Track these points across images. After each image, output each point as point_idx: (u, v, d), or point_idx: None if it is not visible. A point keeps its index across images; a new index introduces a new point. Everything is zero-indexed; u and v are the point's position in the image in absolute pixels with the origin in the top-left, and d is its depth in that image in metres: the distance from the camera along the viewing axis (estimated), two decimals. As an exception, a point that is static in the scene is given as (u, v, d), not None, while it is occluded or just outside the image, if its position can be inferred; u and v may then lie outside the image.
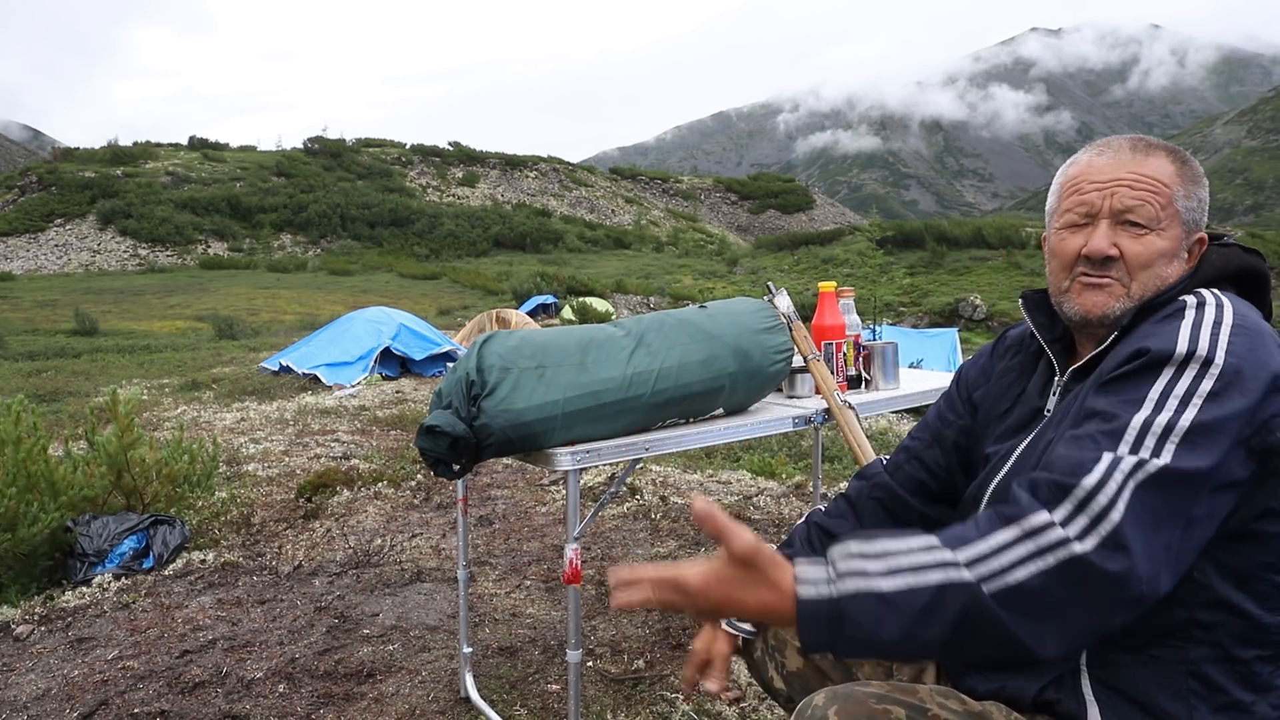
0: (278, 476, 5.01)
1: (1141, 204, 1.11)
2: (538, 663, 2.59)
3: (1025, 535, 0.89)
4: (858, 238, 36.09)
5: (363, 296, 24.84)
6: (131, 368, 11.91)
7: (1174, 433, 0.93)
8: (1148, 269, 1.12)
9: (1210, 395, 0.95)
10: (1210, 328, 1.00)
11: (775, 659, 1.40)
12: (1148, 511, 0.90)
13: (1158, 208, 1.11)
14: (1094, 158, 1.17)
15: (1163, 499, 0.91)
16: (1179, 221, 1.13)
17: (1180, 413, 0.94)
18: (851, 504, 1.39)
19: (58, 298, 25.28)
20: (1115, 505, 0.89)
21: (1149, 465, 0.91)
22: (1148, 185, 1.12)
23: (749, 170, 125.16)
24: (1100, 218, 1.14)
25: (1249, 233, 30.46)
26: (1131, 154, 1.14)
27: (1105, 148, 1.17)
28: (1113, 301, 1.13)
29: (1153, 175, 1.12)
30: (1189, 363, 0.97)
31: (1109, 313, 1.13)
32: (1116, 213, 1.12)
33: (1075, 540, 0.88)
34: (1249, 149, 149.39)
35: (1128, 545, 0.87)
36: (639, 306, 25.51)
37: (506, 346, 1.75)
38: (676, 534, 3.80)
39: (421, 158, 56.88)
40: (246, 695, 2.43)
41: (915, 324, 23.55)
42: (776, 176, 75.68)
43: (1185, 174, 1.13)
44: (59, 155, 51.00)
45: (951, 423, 1.37)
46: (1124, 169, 1.13)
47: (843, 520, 1.37)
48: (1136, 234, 1.12)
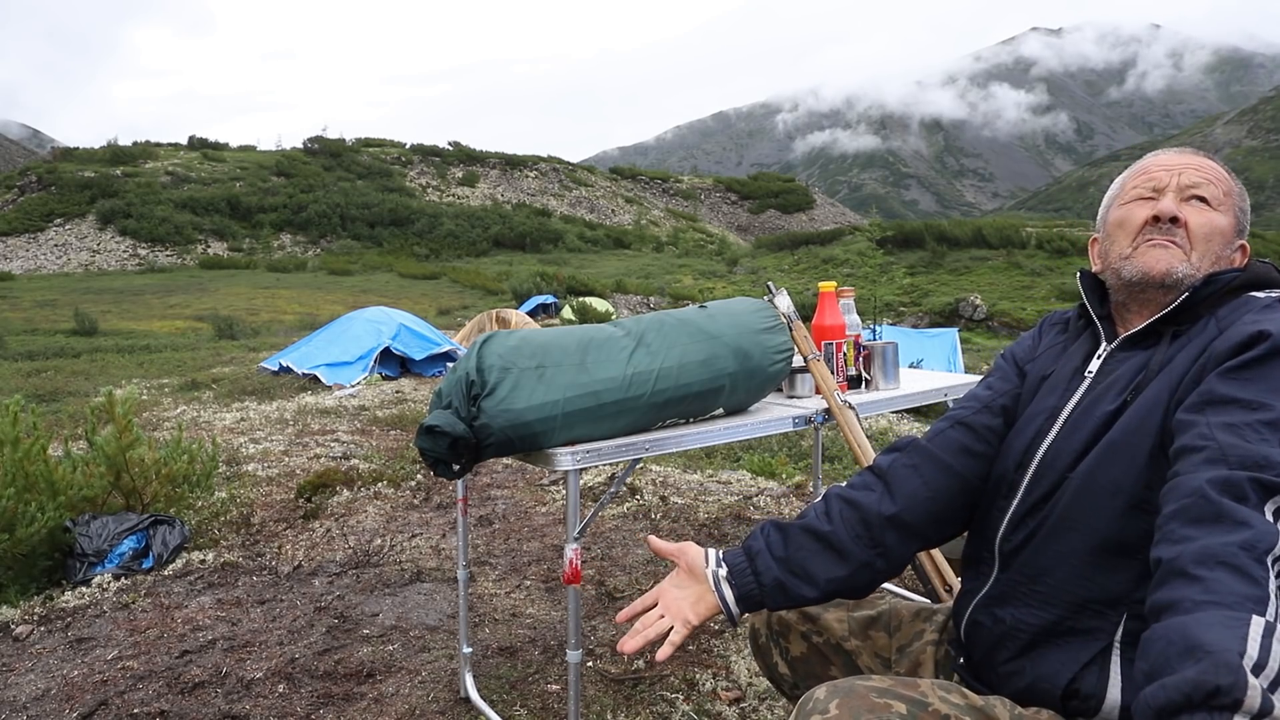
0: (277, 476, 5.00)
1: (1207, 182, 1.22)
2: (538, 663, 2.59)
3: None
4: (858, 238, 36.09)
5: (363, 296, 24.85)
6: (131, 368, 11.91)
7: None
8: (1208, 241, 1.20)
9: None
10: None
11: (779, 644, 1.41)
12: None
13: (1219, 192, 1.22)
14: (1159, 155, 1.29)
15: None
16: (1232, 216, 1.23)
17: None
18: (880, 474, 1.32)
19: (57, 297, 25.29)
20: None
21: None
22: (1210, 173, 1.23)
23: (749, 170, 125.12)
24: (1168, 190, 1.23)
25: (1249, 233, 30.46)
26: (1193, 154, 1.27)
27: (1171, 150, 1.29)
28: (1176, 262, 1.19)
29: (1211, 169, 1.24)
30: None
31: (1172, 270, 1.19)
32: (1183, 188, 1.22)
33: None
34: (1249, 149, 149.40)
35: None
36: (639, 306, 25.51)
37: (506, 346, 1.75)
38: (676, 534, 3.79)
39: (421, 157, 56.89)
40: (246, 695, 2.43)
41: (915, 324, 23.55)
42: (777, 176, 75.66)
43: (1233, 182, 1.26)
44: (58, 155, 50.98)
45: (1005, 391, 1.34)
46: (1189, 160, 1.25)
47: (869, 491, 1.29)
48: (1201, 208, 1.21)
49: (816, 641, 1.37)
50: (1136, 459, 1.07)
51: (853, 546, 1.25)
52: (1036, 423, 1.23)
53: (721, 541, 3.69)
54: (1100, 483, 1.10)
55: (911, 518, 1.26)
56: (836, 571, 1.24)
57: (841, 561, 1.24)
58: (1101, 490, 1.09)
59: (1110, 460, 1.10)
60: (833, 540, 1.25)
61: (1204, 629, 0.78)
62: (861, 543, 1.25)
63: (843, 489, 1.32)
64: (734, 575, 1.24)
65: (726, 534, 3.78)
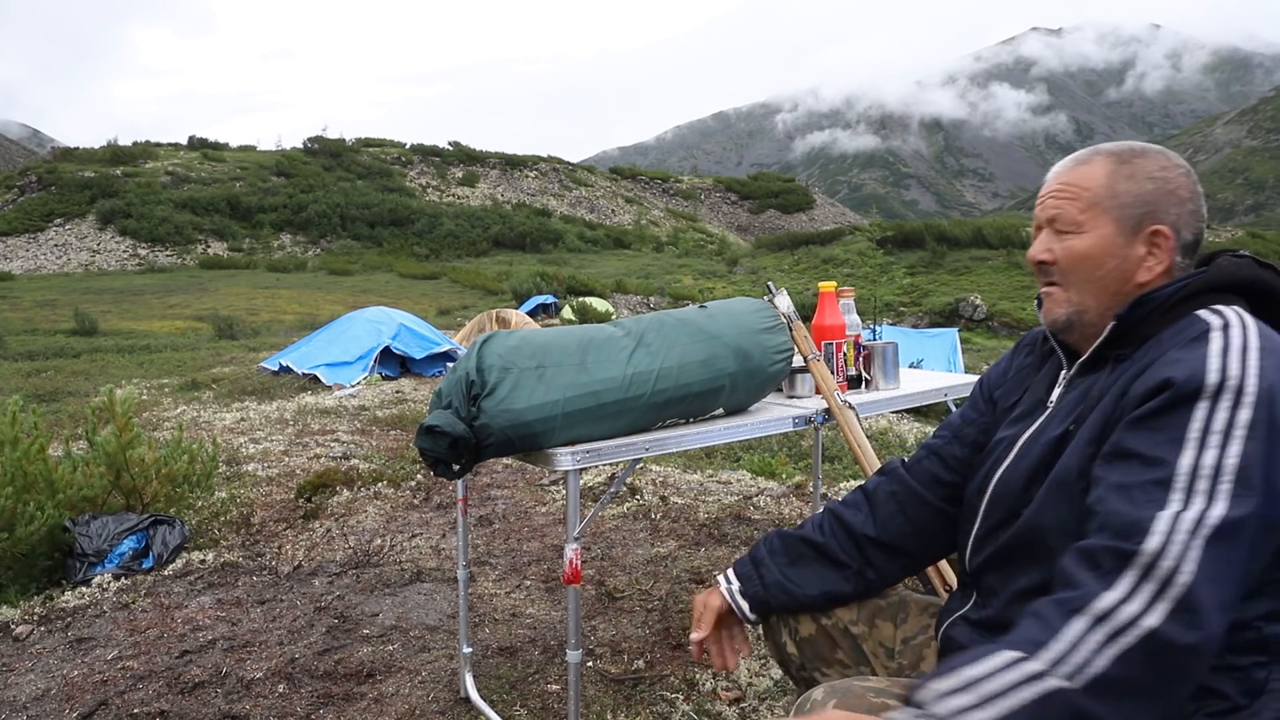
0: (277, 476, 5.00)
1: (1059, 210, 1.17)
2: (538, 663, 2.59)
3: (1096, 621, 0.88)
4: (858, 238, 36.10)
5: (363, 296, 24.84)
6: (131, 368, 11.91)
7: (1224, 474, 0.91)
8: (1074, 271, 1.16)
9: (1251, 426, 0.93)
10: (1239, 351, 0.98)
11: (789, 624, 1.44)
12: (1217, 565, 0.88)
13: (1075, 211, 1.16)
14: (1050, 171, 1.23)
15: (1230, 548, 0.89)
16: (1108, 220, 1.14)
17: (1225, 450, 0.92)
18: (868, 496, 1.42)
19: (57, 297, 25.28)
20: (1182, 568, 0.88)
21: (1210, 517, 0.89)
22: (1068, 192, 1.17)
23: (749, 170, 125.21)
24: (1042, 228, 1.21)
25: (1249, 233, 30.47)
26: (1070, 164, 1.20)
27: (1062, 161, 1.23)
28: (1057, 307, 1.19)
29: (1075, 182, 1.17)
30: (1221, 393, 0.95)
31: (1056, 318, 1.19)
32: (1047, 221, 1.19)
33: (1145, 615, 0.86)
34: (1249, 149, 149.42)
35: (1200, 607, 0.86)
36: (639, 306, 25.51)
37: (506, 346, 1.75)
38: (676, 534, 3.79)
39: (421, 157, 56.87)
40: (246, 695, 2.43)
41: (915, 324, 23.56)
42: (777, 176, 75.65)
43: (1120, 173, 1.15)
44: (58, 155, 50.97)
45: (974, 420, 1.39)
46: (1057, 180, 1.19)
47: (856, 511, 1.41)
48: (1060, 239, 1.18)
49: (825, 624, 1.40)
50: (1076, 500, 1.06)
51: (844, 558, 1.37)
52: (996, 451, 1.26)
53: (721, 541, 3.69)
54: (1048, 524, 1.10)
55: (892, 540, 1.37)
56: (830, 577, 1.37)
57: (835, 570, 1.37)
58: (1050, 531, 1.09)
59: (1056, 501, 1.10)
60: (826, 551, 1.38)
61: (966, 656, 0.91)
62: (851, 555, 1.38)
63: (836, 505, 1.45)
64: (742, 581, 1.41)
65: (726, 534, 3.78)
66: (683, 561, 3.43)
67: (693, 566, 3.37)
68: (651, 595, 3.09)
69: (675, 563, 3.42)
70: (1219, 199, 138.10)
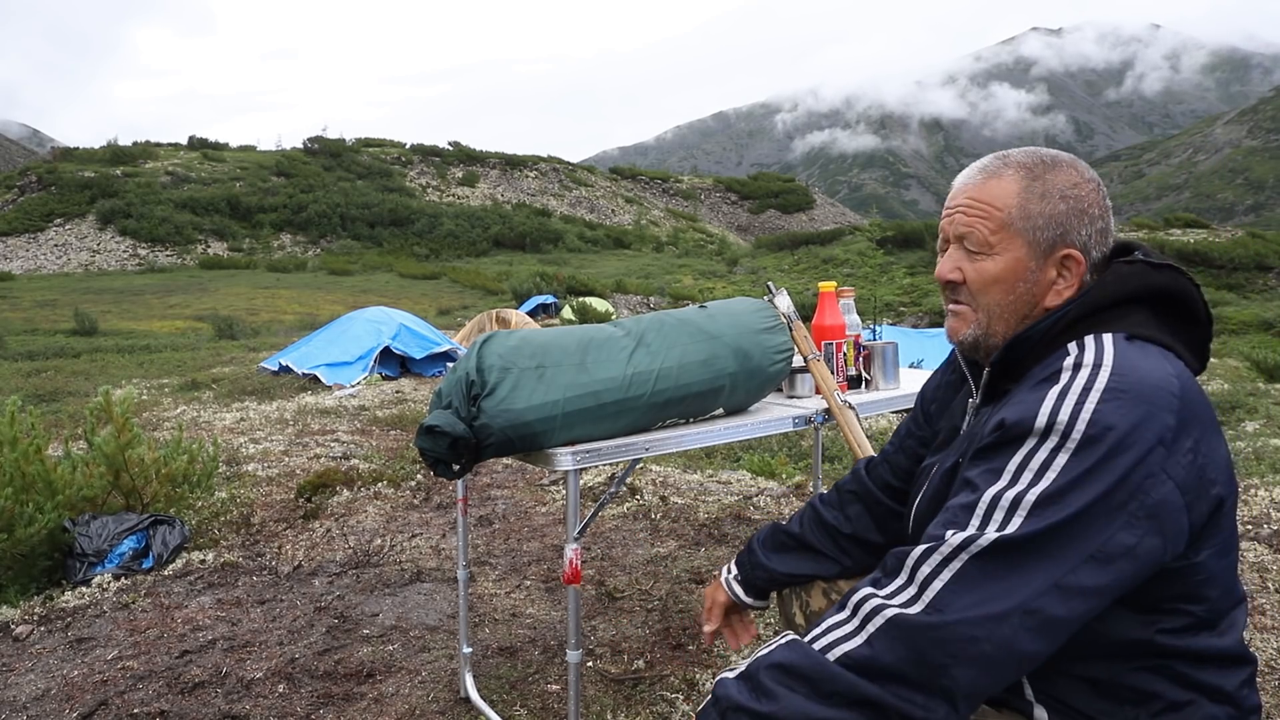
0: (277, 476, 5.00)
1: (970, 229, 1.13)
2: (538, 663, 2.59)
3: (852, 612, 0.97)
4: (858, 238, 36.08)
5: (363, 296, 24.83)
6: (131, 368, 11.90)
7: (1021, 506, 0.95)
8: (984, 294, 1.14)
9: (1065, 467, 0.95)
10: (1077, 395, 0.98)
11: (800, 597, 1.51)
12: (985, 578, 0.93)
13: (987, 232, 1.12)
14: (957, 180, 1.19)
15: (1007, 567, 0.93)
16: (1020, 243, 1.11)
17: (1032, 485, 0.95)
18: (840, 496, 1.50)
19: (57, 298, 25.27)
20: (939, 575, 0.94)
21: (982, 539, 0.94)
22: (979, 210, 1.13)
23: (749, 170, 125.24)
24: (950, 243, 1.17)
25: (1249, 232, 30.43)
26: (979, 176, 1.15)
27: (969, 170, 1.18)
28: (964, 327, 1.17)
29: (986, 199, 1.12)
30: (1048, 435, 0.97)
31: (963, 338, 1.18)
32: (957, 238, 1.16)
33: (896, 606, 0.94)
34: (1249, 149, 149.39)
35: (943, 607, 0.92)
36: (639, 306, 25.50)
37: (506, 346, 1.75)
38: (676, 534, 3.79)
39: (421, 157, 56.83)
40: (246, 695, 2.43)
41: (915, 324, 23.54)
42: (777, 176, 75.61)
43: (1032, 191, 1.11)
44: (58, 155, 50.94)
45: (914, 434, 1.44)
46: (965, 193, 1.15)
47: (831, 509, 1.49)
48: (972, 259, 1.14)
49: (835, 599, 1.44)
50: None
51: (822, 548, 1.46)
52: (920, 478, 1.30)
53: (721, 541, 3.69)
54: None
55: (861, 535, 1.45)
56: (810, 565, 1.47)
57: (815, 559, 1.46)
58: None
59: None
60: (806, 542, 1.48)
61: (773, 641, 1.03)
62: (827, 547, 1.46)
63: (816, 501, 1.53)
64: (739, 569, 1.53)
65: (726, 534, 3.78)
66: (683, 561, 3.43)
67: (693, 566, 3.37)
68: (651, 595, 3.09)
69: (675, 563, 3.42)
70: (1219, 199, 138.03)
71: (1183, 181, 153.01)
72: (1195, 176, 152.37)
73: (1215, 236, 29.24)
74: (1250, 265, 24.69)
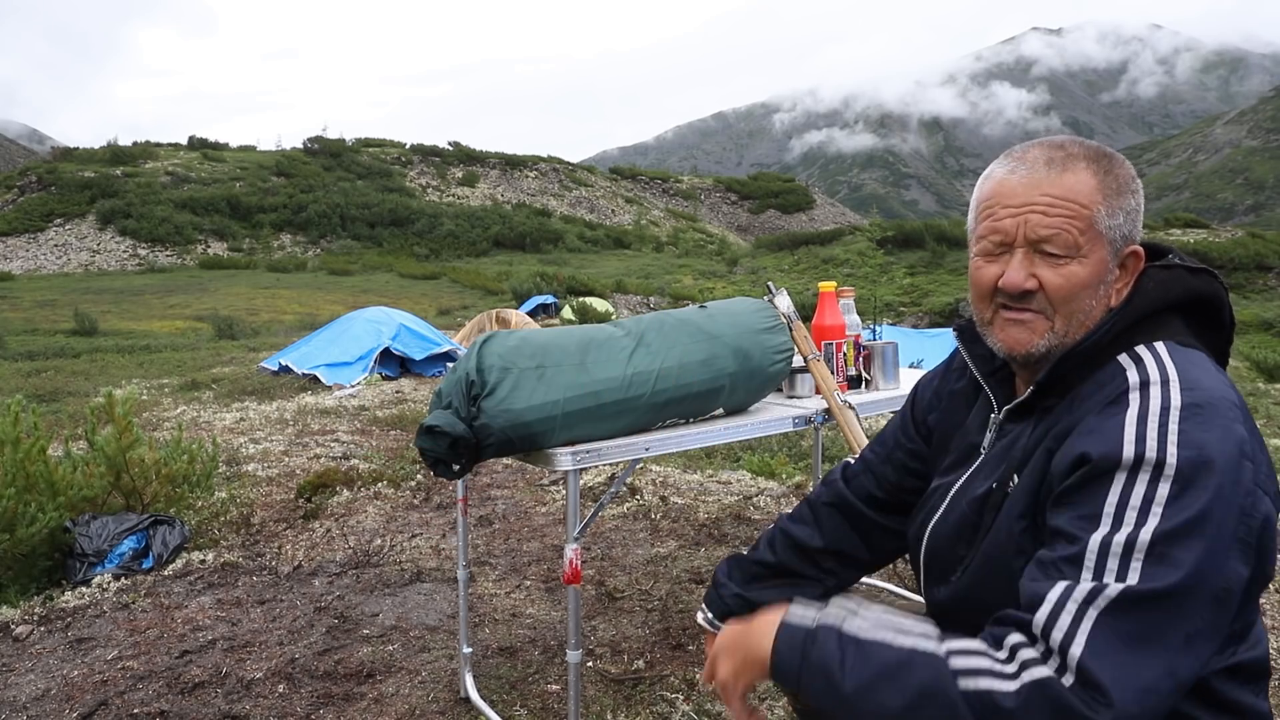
0: (277, 476, 5.00)
1: (1057, 232, 1.01)
2: (538, 663, 2.59)
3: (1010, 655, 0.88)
4: (858, 238, 36.08)
5: (363, 296, 24.82)
6: (131, 368, 11.90)
7: (1136, 549, 0.86)
8: (1070, 301, 1.03)
9: (1170, 500, 0.87)
10: (1158, 418, 0.91)
11: None
12: (1121, 639, 0.84)
13: (1076, 233, 1.01)
14: (1007, 175, 1.06)
15: (1144, 626, 0.84)
16: (1103, 243, 1.02)
17: (1140, 525, 0.87)
18: (812, 509, 1.38)
19: (57, 298, 25.27)
20: (1075, 638, 0.85)
21: (1108, 590, 0.85)
22: (1064, 209, 1.01)
23: (749, 170, 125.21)
24: (1016, 246, 1.04)
25: (1249, 232, 30.46)
26: (1046, 170, 1.03)
27: (1020, 161, 1.06)
28: (1037, 338, 1.05)
29: (1069, 196, 1.01)
30: (1140, 466, 0.89)
31: (1034, 350, 1.05)
32: (1032, 242, 1.03)
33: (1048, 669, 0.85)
34: (1249, 149, 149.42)
35: (1099, 682, 0.82)
36: (639, 306, 25.50)
37: (506, 346, 1.75)
38: (676, 534, 3.79)
39: (421, 158, 56.83)
40: (246, 695, 2.43)
41: (915, 324, 23.54)
42: (777, 176, 75.60)
43: (1109, 185, 1.03)
44: (58, 155, 50.96)
45: (902, 445, 1.34)
46: (1038, 190, 1.02)
47: (803, 525, 1.37)
48: (1055, 264, 1.02)
49: None
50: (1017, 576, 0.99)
51: (800, 571, 1.34)
52: (930, 501, 1.21)
53: (721, 541, 3.69)
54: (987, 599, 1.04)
55: (841, 549, 1.34)
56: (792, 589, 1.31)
57: (793, 583, 1.33)
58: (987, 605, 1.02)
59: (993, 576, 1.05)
60: (781, 569, 1.34)
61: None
62: (805, 568, 1.34)
63: (785, 520, 1.40)
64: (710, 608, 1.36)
65: (726, 534, 3.78)
66: (683, 561, 3.43)
67: (693, 566, 3.37)
68: (651, 595, 3.09)
69: (675, 563, 3.42)
70: (1219, 199, 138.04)
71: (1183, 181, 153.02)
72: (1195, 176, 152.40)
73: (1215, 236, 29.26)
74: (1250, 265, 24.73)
